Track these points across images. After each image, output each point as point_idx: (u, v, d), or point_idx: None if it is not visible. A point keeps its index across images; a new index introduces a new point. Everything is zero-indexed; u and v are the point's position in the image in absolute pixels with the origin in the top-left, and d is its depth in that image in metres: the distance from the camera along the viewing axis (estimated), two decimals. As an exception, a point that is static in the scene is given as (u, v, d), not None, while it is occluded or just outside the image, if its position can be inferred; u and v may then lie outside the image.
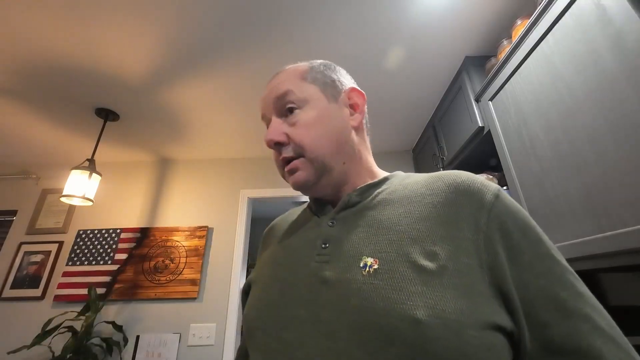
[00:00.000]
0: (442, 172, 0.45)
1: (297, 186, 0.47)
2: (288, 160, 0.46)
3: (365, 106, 0.53)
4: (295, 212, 0.58)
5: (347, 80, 0.53)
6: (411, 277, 0.33)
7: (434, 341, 0.29)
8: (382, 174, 0.52)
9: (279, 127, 0.47)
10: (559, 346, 0.32)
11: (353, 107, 0.51)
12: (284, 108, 0.48)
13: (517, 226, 0.37)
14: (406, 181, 0.47)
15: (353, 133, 0.49)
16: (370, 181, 0.49)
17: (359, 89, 0.52)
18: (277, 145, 0.47)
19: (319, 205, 0.50)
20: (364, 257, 0.37)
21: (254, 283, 0.50)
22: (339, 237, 0.42)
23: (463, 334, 0.30)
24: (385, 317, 0.31)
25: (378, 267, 0.35)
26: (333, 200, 0.49)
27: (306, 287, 0.39)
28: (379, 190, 0.47)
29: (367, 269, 0.36)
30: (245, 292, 0.54)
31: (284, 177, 0.49)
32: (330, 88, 0.50)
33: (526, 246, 0.36)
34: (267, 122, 0.50)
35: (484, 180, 0.41)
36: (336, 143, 0.46)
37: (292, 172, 0.46)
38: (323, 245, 0.42)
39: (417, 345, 0.29)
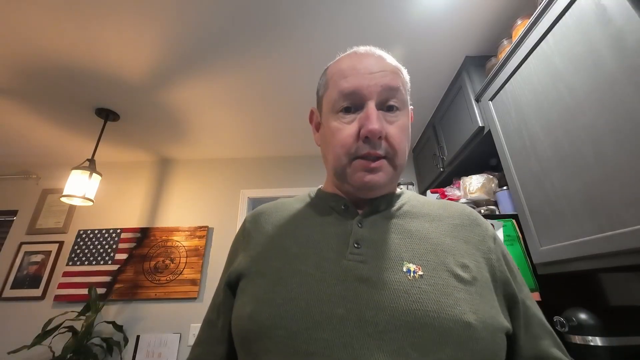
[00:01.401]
0: (447, 201, 0.50)
1: (370, 185, 0.43)
2: (375, 158, 0.43)
3: None
4: (290, 203, 0.54)
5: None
6: (454, 285, 0.37)
7: (479, 342, 0.34)
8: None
9: (381, 120, 0.43)
10: (546, 355, 0.40)
11: None
12: (386, 102, 0.44)
13: (509, 254, 0.47)
14: (420, 200, 0.51)
15: None
16: (393, 192, 0.50)
17: None
18: (373, 139, 0.42)
19: (339, 203, 0.48)
20: (405, 262, 0.39)
21: (250, 274, 0.43)
22: (371, 239, 0.42)
23: (495, 336, 0.36)
24: (438, 320, 0.34)
25: (423, 274, 0.38)
26: (353, 200, 0.48)
27: (340, 284, 0.37)
28: (401, 202, 0.49)
29: (412, 274, 0.37)
30: (230, 285, 0.47)
31: (341, 166, 0.44)
32: (408, 102, 0.49)
33: (516, 271, 0.45)
34: (357, 100, 0.44)
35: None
36: (407, 156, 0.48)
37: (374, 171, 0.43)
38: (356, 245, 0.41)
39: (467, 345, 0.33)
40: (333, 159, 0.46)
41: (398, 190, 0.52)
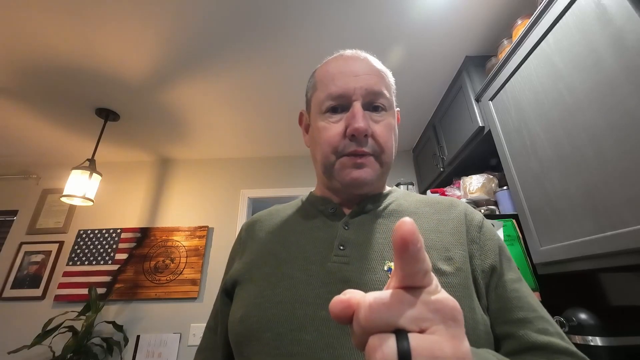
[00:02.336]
0: (437, 196, 0.51)
1: (358, 182, 0.44)
2: (361, 154, 0.44)
3: None
4: (283, 209, 0.56)
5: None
6: None
7: None
8: (387, 186, 0.55)
9: (367, 119, 0.44)
10: (533, 342, 0.35)
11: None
12: (372, 103, 0.46)
13: (499, 242, 0.45)
14: (408, 199, 0.51)
15: None
16: (380, 191, 0.51)
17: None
18: (359, 137, 0.43)
19: (327, 206, 0.49)
20: (387, 261, 0.39)
21: (243, 281, 0.45)
22: (356, 240, 0.43)
23: (476, 329, 0.35)
24: None
25: None
26: (341, 202, 0.50)
27: (324, 286, 0.39)
28: (388, 201, 0.50)
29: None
30: (227, 291, 0.48)
31: (329, 164, 0.46)
32: (393, 104, 0.51)
33: (506, 258, 0.44)
34: (344, 101, 0.45)
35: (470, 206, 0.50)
36: (394, 156, 0.49)
37: (360, 166, 0.44)
38: (340, 247, 0.42)
39: None
40: (321, 157, 0.47)
41: (387, 189, 0.53)
